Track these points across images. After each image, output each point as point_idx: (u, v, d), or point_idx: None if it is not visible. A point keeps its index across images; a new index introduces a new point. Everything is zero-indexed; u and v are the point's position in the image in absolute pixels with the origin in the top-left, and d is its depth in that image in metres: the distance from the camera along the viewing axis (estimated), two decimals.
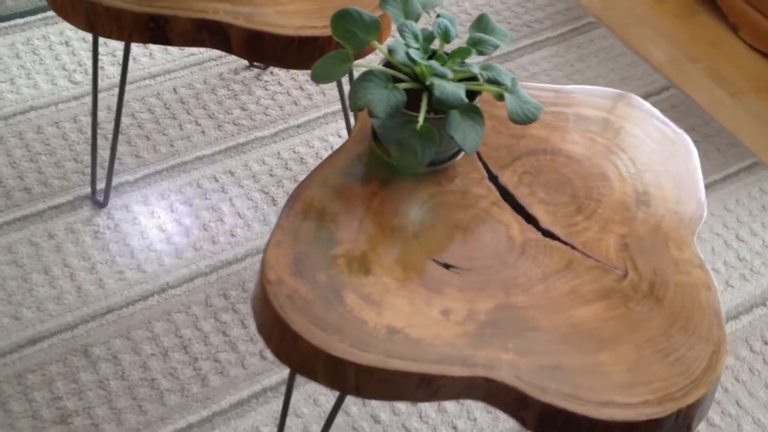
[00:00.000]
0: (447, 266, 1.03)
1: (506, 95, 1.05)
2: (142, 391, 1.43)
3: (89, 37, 2.00)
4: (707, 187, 1.83)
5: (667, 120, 1.23)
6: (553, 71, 2.04)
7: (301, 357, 0.96)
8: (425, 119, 1.04)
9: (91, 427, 1.38)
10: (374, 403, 1.42)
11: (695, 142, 1.93)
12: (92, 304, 1.53)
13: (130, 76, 1.91)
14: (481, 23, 1.12)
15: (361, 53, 1.27)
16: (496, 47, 1.08)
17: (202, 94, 1.89)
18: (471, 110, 1.03)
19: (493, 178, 1.13)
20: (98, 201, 1.67)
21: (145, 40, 1.31)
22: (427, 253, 1.04)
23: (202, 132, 1.82)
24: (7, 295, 1.53)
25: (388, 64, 1.11)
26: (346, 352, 0.94)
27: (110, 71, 1.91)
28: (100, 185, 1.70)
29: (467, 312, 0.99)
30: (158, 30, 1.29)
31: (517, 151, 1.17)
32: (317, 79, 1.04)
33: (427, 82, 1.03)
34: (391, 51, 1.05)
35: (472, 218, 1.08)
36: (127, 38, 1.30)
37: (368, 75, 1.04)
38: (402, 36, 1.08)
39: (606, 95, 1.25)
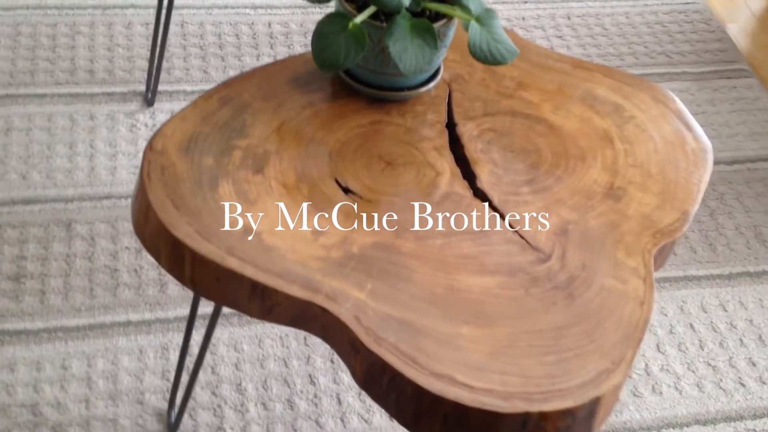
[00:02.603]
0: (347, 190, 0.91)
1: (473, 25, 0.92)
2: (100, 277, 1.40)
3: None
4: None
5: (694, 125, 1.04)
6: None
7: (150, 232, 0.88)
8: (366, 24, 0.92)
9: (38, 293, 1.37)
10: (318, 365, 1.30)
11: None
12: (97, 186, 1.52)
13: (231, 1, 1.92)
14: None
15: None
16: None
17: (292, 35, 1.86)
18: (423, 28, 0.91)
19: (452, 126, 1.00)
20: (148, 100, 1.67)
21: None
22: (334, 171, 0.93)
23: None
24: (26, 156, 1.56)
25: None
26: (187, 236, 0.85)
27: None
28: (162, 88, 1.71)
29: (341, 239, 0.87)
30: None
31: (494, 108, 1.03)
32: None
33: None
34: None
35: (402, 154, 0.96)
36: None
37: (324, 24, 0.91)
38: None
39: (632, 82, 1.07)
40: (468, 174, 0.95)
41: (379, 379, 0.80)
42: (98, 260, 1.42)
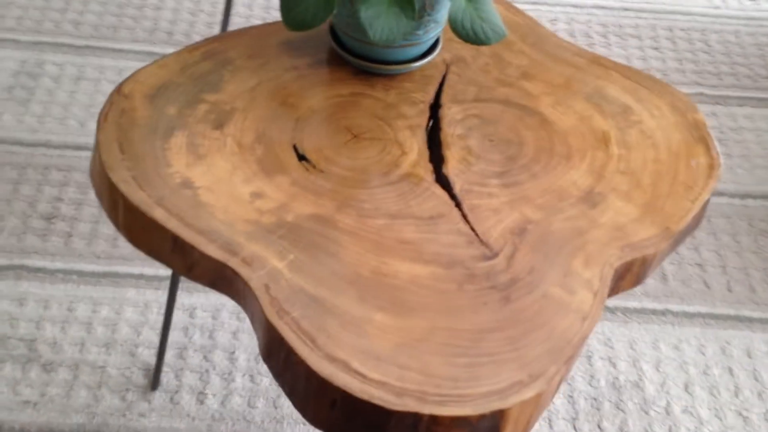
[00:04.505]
0: (302, 158, 0.87)
1: None
2: None
3: None
4: None
5: (710, 140, 0.93)
6: (734, 132, 1.68)
7: (96, 173, 0.87)
8: None
9: (64, 235, 1.40)
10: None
11: None
12: None
13: None
14: None
15: None
16: None
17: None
18: None
19: (435, 107, 0.94)
20: None
21: None
22: (295, 137, 0.89)
23: None
24: (89, 105, 1.60)
25: None
26: (122, 181, 0.84)
27: None
28: None
29: (279, 205, 0.83)
30: None
31: (487, 94, 0.95)
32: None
33: None
34: None
35: (372, 129, 0.90)
36: None
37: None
38: None
39: (651, 85, 0.97)
40: (438, 158, 0.89)
41: (276, 354, 0.76)
42: None
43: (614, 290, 0.85)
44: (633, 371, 1.32)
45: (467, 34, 0.85)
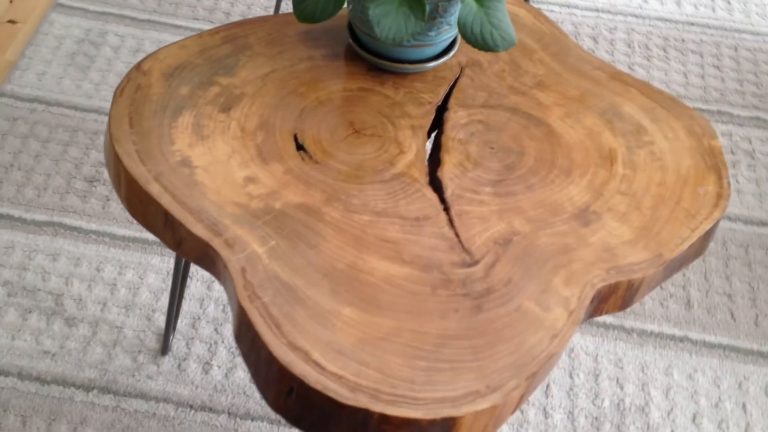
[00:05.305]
0: (301, 147, 0.89)
1: (468, 2, 0.85)
2: None
3: None
4: None
5: (723, 168, 0.91)
6: (747, 155, 1.61)
7: (106, 143, 0.90)
8: None
9: (103, 198, 1.45)
10: None
11: None
12: None
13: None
14: None
15: None
16: None
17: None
18: None
19: (441, 109, 0.94)
20: None
21: None
22: (296, 127, 0.90)
23: None
24: None
25: None
26: (125, 154, 0.87)
27: None
28: None
29: (269, 193, 0.85)
30: None
31: (497, 101, 0.95)
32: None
33: None
34: None
35: (374, 125, 0.91)
36: None
37: None
38: None
39: (670, 106, 0.95)
40: (436, 161, 0.90)
41: (245, 337, 0.78)
42: None
43: (597, 312, 0.84)
44: (640, 395, 1.30)
45: (476, 39, 0.85)
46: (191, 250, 0.84)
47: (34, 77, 1.63)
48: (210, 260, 0.82)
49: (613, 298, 0.83)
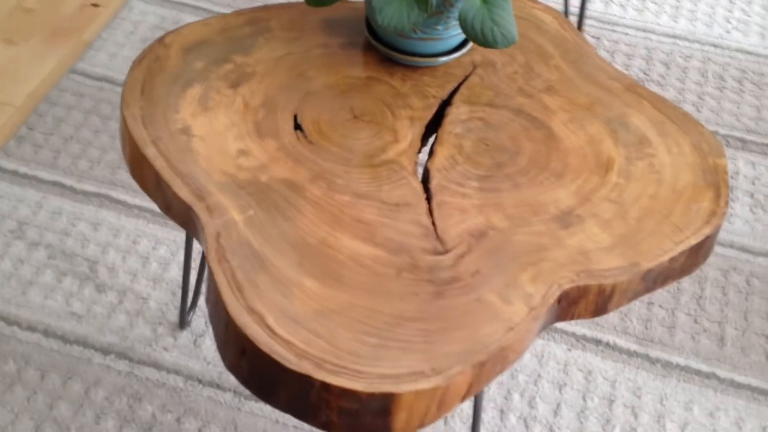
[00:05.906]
0: (299, 127, 0.91)
1: None
2: None
3: None
4: None
5: (723, 187, 0.88)
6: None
7: (121, 111, 0.95)
8: None
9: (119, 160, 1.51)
10: None
11: None
12: None
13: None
14: None
15: None
16: None
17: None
18: None
19: (444, 104, 0.94)
20: None
21: None
22: (298, 108, 0.93)
23: None
24: None
25: None
26: (131, 116, 0.91)
27: None
28: None
29: (258, 165, 0.87)
30: None
31: (502, 101, 0.95)
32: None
33: None
34: None
35: (374, 113, 0.92)
36: None
37: None
38: None
39: (681, 122, 0.93)
40: (431, 153, 0.90)
41: (210, 298, 0.80)
42: None
43: (566, 315, 0.83)
44: (655, 427, 1.26)
45: (475, 34, 0.86)
46: (178, 214, 0.87)
47: (105, 58, 1.72)
48: (191, 223, 0.85)
49: (583, 303, 0.82)
